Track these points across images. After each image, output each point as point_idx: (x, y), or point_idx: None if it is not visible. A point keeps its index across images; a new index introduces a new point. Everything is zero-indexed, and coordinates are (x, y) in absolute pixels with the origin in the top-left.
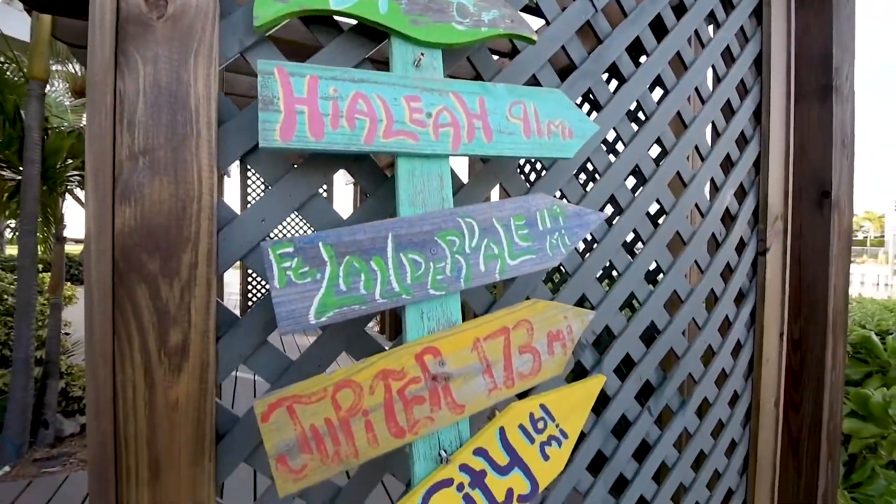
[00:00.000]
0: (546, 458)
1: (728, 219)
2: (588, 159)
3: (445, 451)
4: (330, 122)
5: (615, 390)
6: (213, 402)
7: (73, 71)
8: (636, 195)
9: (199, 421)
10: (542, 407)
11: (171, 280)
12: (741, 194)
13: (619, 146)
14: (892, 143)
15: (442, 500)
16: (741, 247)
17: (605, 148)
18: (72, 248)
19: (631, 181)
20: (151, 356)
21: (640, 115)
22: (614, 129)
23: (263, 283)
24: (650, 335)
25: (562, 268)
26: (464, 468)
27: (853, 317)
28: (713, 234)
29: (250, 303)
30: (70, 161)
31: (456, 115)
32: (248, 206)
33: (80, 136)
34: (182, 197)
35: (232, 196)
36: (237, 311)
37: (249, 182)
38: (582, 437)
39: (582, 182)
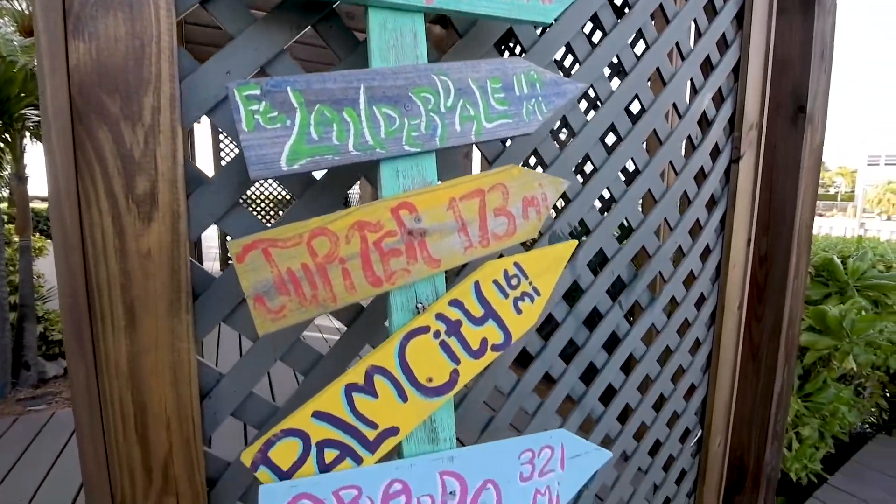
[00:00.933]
0: (519, 311)
1: (704, 123)
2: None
3: (422, 303)
4: None
5: (588, 284)
6: (187, 256)
7: (20, 8)
8: (616, 89)
9: (173, 271)
10: (517, 265)
11: (133, 124)
12: (719, 100)
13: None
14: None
15: (419, 345)
16: (716, 153)
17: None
18: (38, 206)
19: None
20: (119, 202)
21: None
22: (595, 15)
23: (234, 146)
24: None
25: (536, 153)
26: (440, 317)
27: (818, 244)
28: (689, 137)
29: None
30: (25, 97)
31: None
32: (222, 166)
33: (34, 75)
34: (139, 35)
35: (204, 158)
36: None
37: (222, 146)
38: (555, 325)
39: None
